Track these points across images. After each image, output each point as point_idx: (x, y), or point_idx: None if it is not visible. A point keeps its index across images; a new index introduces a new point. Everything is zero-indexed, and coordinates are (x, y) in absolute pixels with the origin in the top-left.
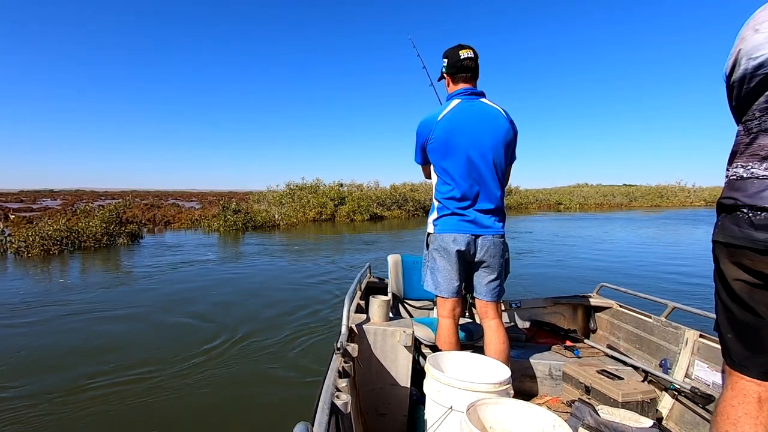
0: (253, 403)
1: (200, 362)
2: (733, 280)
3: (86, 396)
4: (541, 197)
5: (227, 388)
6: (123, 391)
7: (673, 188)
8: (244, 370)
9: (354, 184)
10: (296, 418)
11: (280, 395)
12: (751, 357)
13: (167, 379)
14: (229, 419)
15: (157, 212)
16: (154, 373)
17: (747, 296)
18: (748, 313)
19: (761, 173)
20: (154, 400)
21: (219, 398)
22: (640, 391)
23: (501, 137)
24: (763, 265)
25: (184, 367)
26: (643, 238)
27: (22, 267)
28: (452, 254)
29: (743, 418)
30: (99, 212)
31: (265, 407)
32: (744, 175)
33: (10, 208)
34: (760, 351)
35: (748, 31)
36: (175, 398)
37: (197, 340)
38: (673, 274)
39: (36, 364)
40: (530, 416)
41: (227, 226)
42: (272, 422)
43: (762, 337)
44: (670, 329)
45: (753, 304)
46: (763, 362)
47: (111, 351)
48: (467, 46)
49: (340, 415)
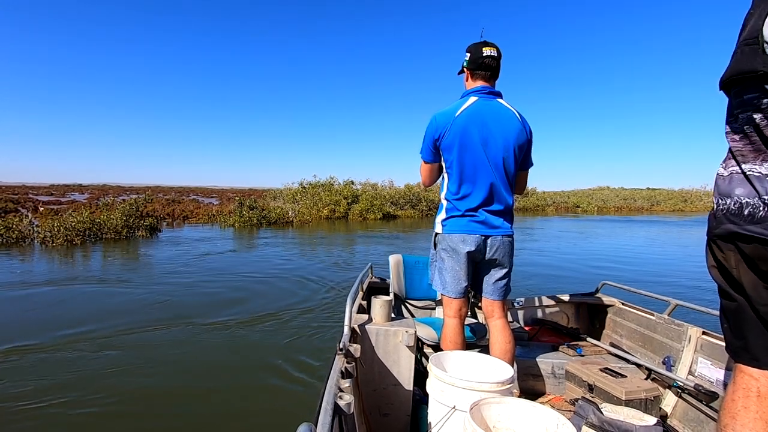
0: (255, 404)
1: (199, 362)
2: (710, 267)
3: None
4: (559, 200)
5: (228, 388)
6: (122, 391)
7: (697, 192)
8: (245, 371)
9: (368, 183)
10: (299, 419)
11: (283, 396)
12: (739, 342)
13: (166, 379)
14: (230, 420)
15: (176, 207)
16: (153, 373)
17: (722, 284)
18: (727, 299)
19: (720, 171)
20: (154, 400)
21: (220, 398)
22: (643, 389)
23: (513, 139)
24: (720, 253)
25: (184, 367)
26: (653, 241)
27: (46, 254)
28: (461, 255)
29: (742, 412)
30: (120, 206)
31: (268, 408)
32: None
33: (40, 201)
34: (742, 336)
35: None
36: (174, 398)
37: (197, 339)
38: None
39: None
40: (533, 415)
41: (242, 222)
42: (275, 423)
43: (742, 320)
44: (673, 327)
45: (727, 289)
46: (749, 346)
47: (97, 356)
48: (492, 44)
49: (343, 415)
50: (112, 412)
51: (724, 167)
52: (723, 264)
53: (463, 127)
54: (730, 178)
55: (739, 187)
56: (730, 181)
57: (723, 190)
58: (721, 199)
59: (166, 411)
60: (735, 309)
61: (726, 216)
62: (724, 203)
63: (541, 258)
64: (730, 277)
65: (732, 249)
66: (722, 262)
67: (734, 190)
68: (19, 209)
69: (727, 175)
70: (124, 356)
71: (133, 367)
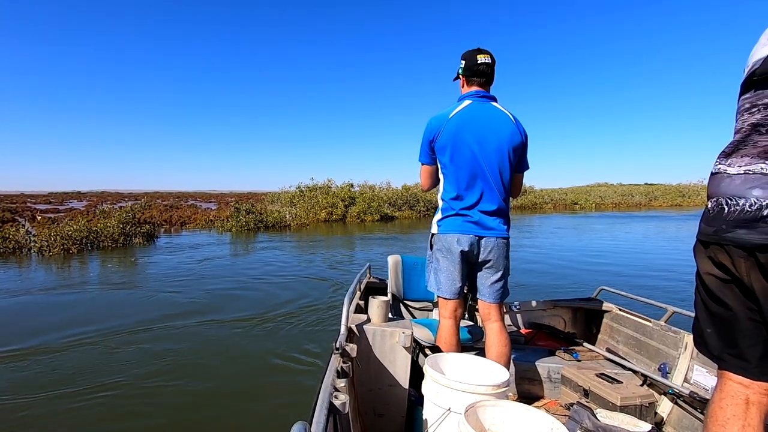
0: (250, 403)
1: (195, 362)
2: (705, 274)
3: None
4: (557, 197)
5: (224, 387)
6: (121, 391)
7: (695, 187)
8: (240, 371)
9: (366, 184)
10: (294, 418)
11: (278, 395)
12: (731, 350)
13: (162, 379)
14: (226, 419)
15: (174, 213)
16: (149, 373)
17: (718, 290)
18: (721, 306)
19: (723, 168)
20: (149, 400)
21: (215, 397)
22: (638, 395)
23: (507, 141)
24: (726, 258)
25: (179, 366)
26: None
27: (43, 264)
28: (456, 255)
29: (731, 420)
30: (116, 214)
31: (263, 406)
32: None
33: (38, 210)
34: (735, 344)
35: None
36: (170, 398)
37: (192, 340)
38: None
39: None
40: (528, 419)
41: (239, 227)
42: (270, 422)
43: (735, 328)
44: (670, 333)
45: (723, 298)
46: (743, 354)
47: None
48: (486, 51)
49: (338, 415)
50: (112, 412)
51: (729, 164)
52: (729, 270)
53: (456, 128)
54: (744, 177)
55: (757, 188)
56: (744, 180)
57: (732, 190)
58: (731, 200)
59: (161, 411)
60: (729, 317)
61: (739, 220)
62: (735, 204)
63: (539, 257)
64: (732, 284)
65: (743, 255)
66: (729, 269)
67: (751, 191)
68: (16, 219)
69: (736, 174)
70: (120, 357)
71: (126, 367)
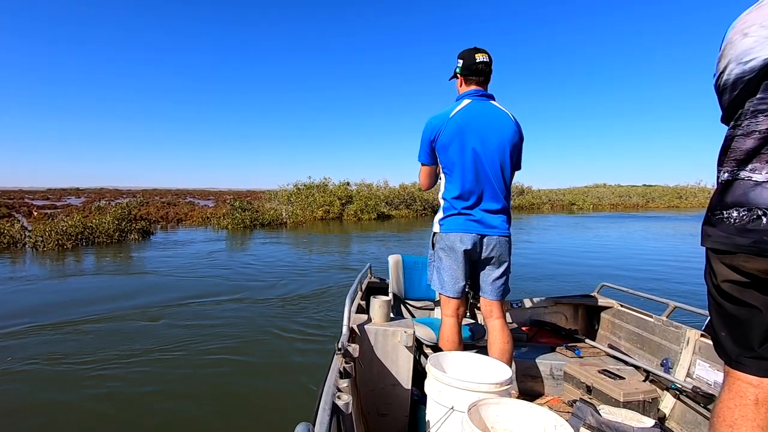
0: (253, 403)
1: (197, 362)
2: (723, 281)
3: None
4: (554, 198)
5: (226, 388)
6: (119, 393)
7: (692, 189)
8: (242, 371)
9: (363, 183)
10: (297, 419)
11: (281, 395)
12: (748, 353)
13: (161, 381)
14: (229, 420)
15: (171, 210)
16: (148, 375)
17: (738, 293)
18: (739, 306)
19: (746, 174)
20: (147, 400)
21: (218, 398)
22: (641, 391)
23: (508, 139)
24: (746, 264)
25: (182, 365)
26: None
27: (37, 259)
28: (458, 253)
29: (740, 421)
30: (112, 210)
31: (266, 407)
32: (728, 178)
33: (35, 206)
34: (749, 345)
35: (736, 35)
36: (171, 399)
37: (191, 340)
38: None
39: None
40: (532, 416)
41: (235, 224)
42: (273, 422)
43: (753, 329)
44: (672, 329)
45: (744, 299)
46: (759, 357)
47: None
48: (483, 50)
49: (341, 415)
50: (110, 412)
51: (752, 170)
52: (754, 276)
53: (458, 127)
54: None
55: None
56: None
57: (762, 199)
58: (759, 210)
59: (160, 411)
60: (746, 319)
61: None
62: (764, 216)
63: (538, 257)
64: (752, 288)
65: None
66: (754, 275)
67: None
68: (13, 214)
69: (765, 181)
70: (114, 357)
71: (124, 368)
